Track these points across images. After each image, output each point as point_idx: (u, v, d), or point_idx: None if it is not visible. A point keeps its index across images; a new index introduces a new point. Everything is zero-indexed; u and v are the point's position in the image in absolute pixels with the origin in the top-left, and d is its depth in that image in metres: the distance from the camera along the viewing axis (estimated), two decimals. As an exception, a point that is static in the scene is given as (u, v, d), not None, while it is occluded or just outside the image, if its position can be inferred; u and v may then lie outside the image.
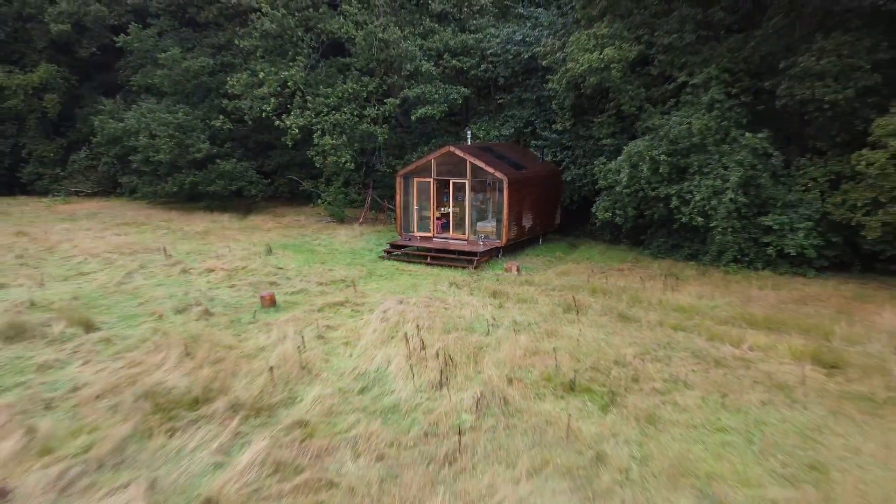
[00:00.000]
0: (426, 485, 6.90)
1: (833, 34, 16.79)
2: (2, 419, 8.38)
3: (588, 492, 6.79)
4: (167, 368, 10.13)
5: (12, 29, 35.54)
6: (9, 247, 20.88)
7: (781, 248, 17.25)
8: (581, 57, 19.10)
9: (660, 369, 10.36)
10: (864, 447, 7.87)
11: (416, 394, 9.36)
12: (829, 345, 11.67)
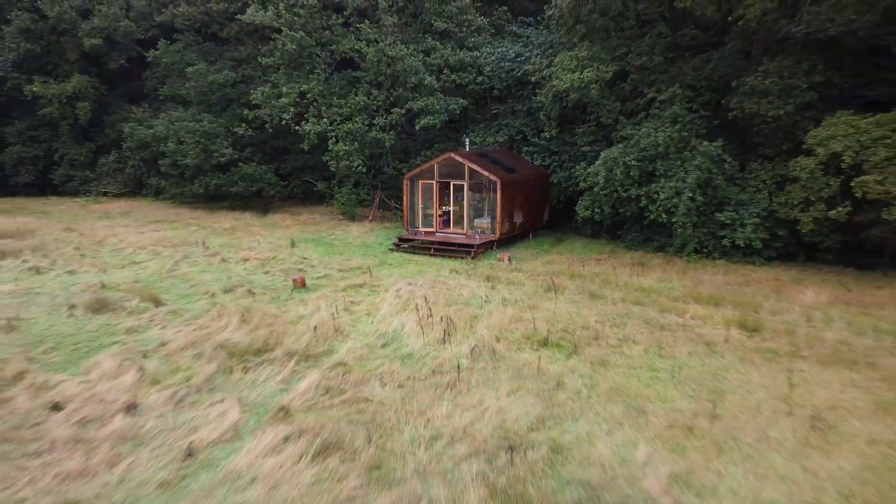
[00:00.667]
0: (434, 400, 9.65)
1: (777, 58, 19.54)
2: (117, 362, 11.12)
3: (549, 403, 9.54)
4: (230, 330, 12.87)
5: (47, 42, 38.27)
6: (64, 241, 23.62)
7: (734, 240, 20.01)
8: (564, 76, 21.86)
9: (615, 332, 13.10)
10: (755, 380, 10.61)
11: (425, 347, 12.10)
12: (755, 315, 14.39)
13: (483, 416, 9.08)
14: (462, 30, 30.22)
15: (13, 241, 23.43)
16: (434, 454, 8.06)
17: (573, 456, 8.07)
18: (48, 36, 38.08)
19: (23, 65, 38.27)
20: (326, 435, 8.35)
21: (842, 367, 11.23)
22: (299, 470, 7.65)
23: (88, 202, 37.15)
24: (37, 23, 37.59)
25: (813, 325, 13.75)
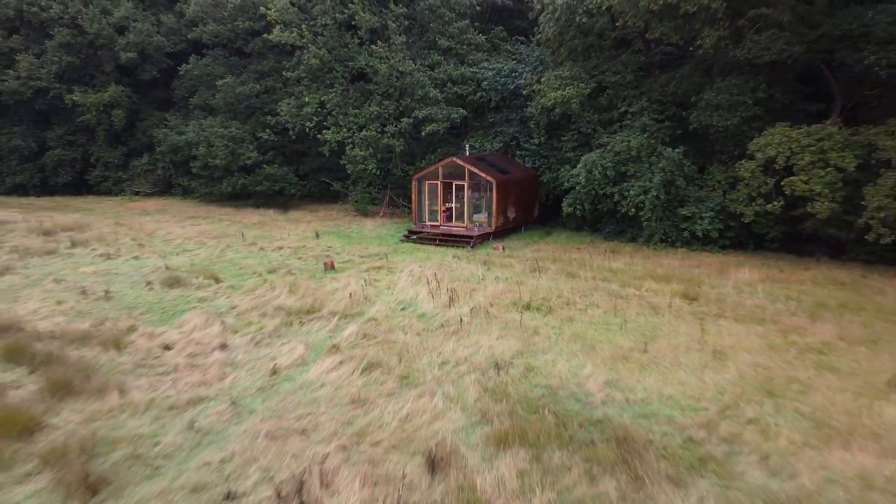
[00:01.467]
0: (443, 341, 13.10)
1: (728, 77, 22.99)
2: (202, 318, 14.57)
3: (526, 343, 12.99)
4: (283, 298, 16.33)
5: (86, 56, 41.68)
6: (119, 233, 27.06)
7: (693, 231, 23.47)
8: (550, 94, 25.31)
9: (583, 299, 16.55)
10: (682, 331, 14.05)
11: (435, 309, 15.55)
12: (697, 288, 17.84)
13: (478, 351, 12.54)
14: (463, 47, 33.66)
15: (75, 233, 26.89)
16: (444, 371, 11.53)
17: (540, 372, 11.53)
18: (87, 50, 41.48)
19: (63, 76, 41.66)
20: (369, 359, 11.81)
21: (751, 323, 14.70)
22: (353, 379, 11.12)
23: (124, 200, 40.61)
24: (76, 38, 40.98)
25: (740, 295, 17.23)
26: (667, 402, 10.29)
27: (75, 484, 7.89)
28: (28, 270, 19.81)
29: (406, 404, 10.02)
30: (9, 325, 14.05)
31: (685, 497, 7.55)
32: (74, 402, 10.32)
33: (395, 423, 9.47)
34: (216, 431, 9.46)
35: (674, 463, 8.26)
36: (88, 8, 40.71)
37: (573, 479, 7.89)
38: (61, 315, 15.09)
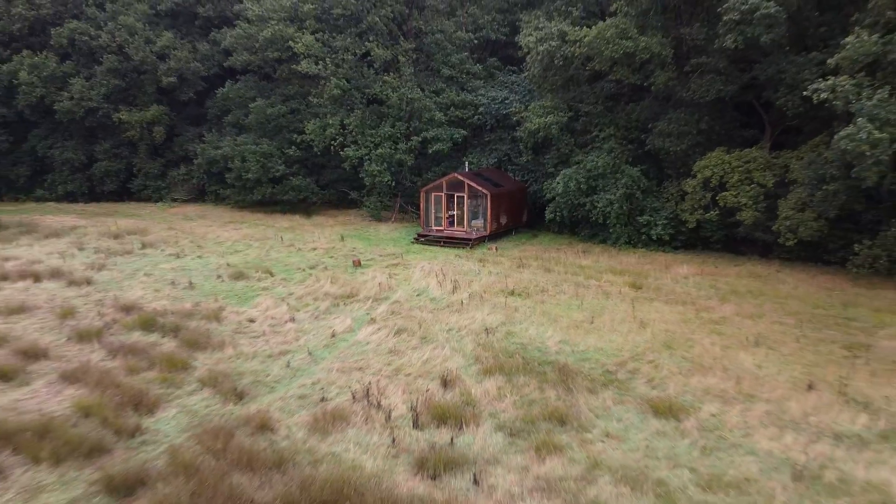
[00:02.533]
0: (449, 316, 18.05)
1: (678, 111, 27.91)
2: (271, 301, 19.51)
3: (510, 317, 17.93)
4: (327, 287, 21.26)
5: (131, 79, 46.58)
6: (176, 236, 31.96)
7: (650, 235, 28.39)
8: (535, 120, 30.23)
9: (555, 288, 21.48)
10: (622, 309, 18.98)
11: (442, 294, 20.50)
12: (643, 280, 22.78)
13: (474, 321, 17.49)
14: (463, 75, 38.57)
15: (139, 236, 31.84)
16: (450, 334, 16.48)
17: (516, 335, 16.48)
18: (132, 74, 46.37)
19: (110, 97, 46.53)
20: (398, 327, 16.77)
21: (675, 304, 19.65)
22: (388, 339, 16.07)
23: (165, 206, 45.52)
24: (123, 63, 45.84)
25: (675, 284, 22.19)
26: (598, 351, 15.25)
27: (228, 394, 12.85)
28: (119, 267, 24.73)
29: (425, 353, 14.98)
30: (131, 305, 19.02)
31: (595, 398, 12.50)
32: (203, 353, 15.27)
33: (419, 363, 14.43)
34: (303, 369, 14.41)
35: (592, 382, 13.22)
36: (134, 37, 45.56)
37: (530, 390, 12.84)
38: (164, 299, 20.01)
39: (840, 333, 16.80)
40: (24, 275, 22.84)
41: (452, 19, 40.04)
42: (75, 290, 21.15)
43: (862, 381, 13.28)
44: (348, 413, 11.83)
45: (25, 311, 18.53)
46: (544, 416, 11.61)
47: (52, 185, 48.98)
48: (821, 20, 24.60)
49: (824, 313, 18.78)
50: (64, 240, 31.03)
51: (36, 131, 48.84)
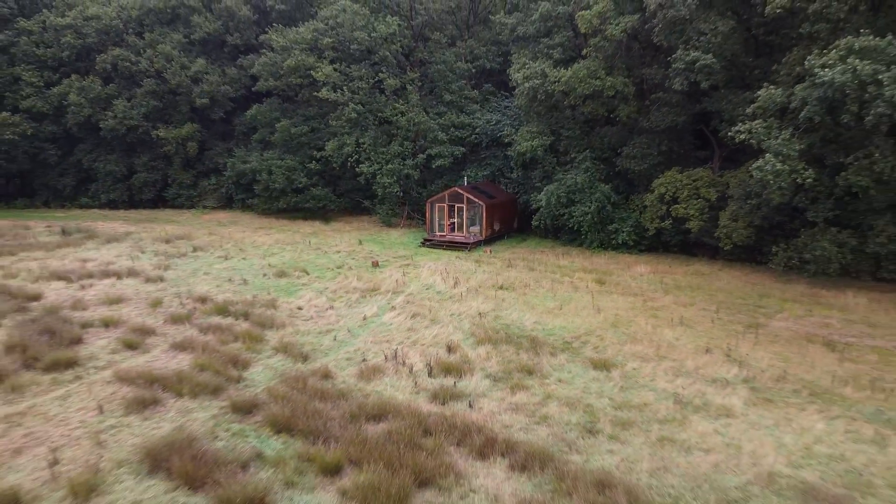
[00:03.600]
0: (451, 304, 23.13)
1: (641, 136, 32.95)
2: (313, 294, 24.58)
3: (498, 305, 23.01)
4: (355, 283, 26.32)
5: (168, 100, 51.62)
6: (218, 241, 36.95)
7: (618, 240, 33.44)
8: (523, 143, 35.29)
9: (536, 283, 26.53)
10: (586, 299, 24.05)
11: (446, 288, 25.56)
12: (607, 277, 27.84)
13: (471, 308, 22.55)
14: (461, 100, 43.63)
15: (186, 241, 36.83)
16: (453, 317, 21.55)
17: (503, 318, 21.54)
18: (168, 96, 51.44)
19: (149, 115, 51.59)
20: (413, 312, 21.83)
21: (629, 296, 24.70)
22: (406, 321, 21.13)
23: (198, 213, 50.57)
24: (160, 86, 50.92)
25: (632, 281, 27.25)
26: (561, 329, 20.32)
27: (296, 357, 17.89)
28: (180, 267, 29.75)
29: (434, 330, 20.04)
30: (203, 297, 24.05)
31: (554, 359, 17.56)
32: (270, 331, 20.31)
33: (430, 337, 19.48)
34: (346, 341, 19.46)
35: (553, 349, 18.29)
36: (170, 63, 50.63)
37: (509, 354, 17.90)
38: (227, 293, 25.04)
39: (747, 317, 21.88)
40: (106, 274, 27.86)
41: (452, 50, 45.07)
42: (153, 285, 26.18)
43: (745, 348, 18.36)
44: (383, 368, 16.89)
45: (123, 301, 23.57)
46: (517, 370, 16.68)
47: (96, 193, 54.05)
48: (755, 64, 29.63)
49: (742, 302, 23.88)
50: (124, 244, 36.02)
51: (82, 146, 53.88)
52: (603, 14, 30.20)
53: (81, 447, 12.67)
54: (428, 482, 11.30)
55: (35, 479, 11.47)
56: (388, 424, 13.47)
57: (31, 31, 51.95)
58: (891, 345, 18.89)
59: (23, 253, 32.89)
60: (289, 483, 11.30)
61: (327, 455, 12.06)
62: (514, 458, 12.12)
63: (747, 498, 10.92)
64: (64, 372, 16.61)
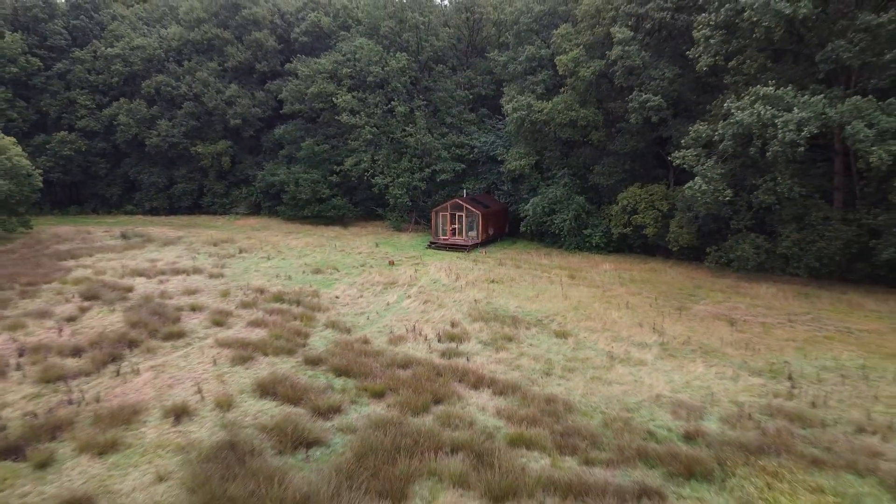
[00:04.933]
0: (454, 294, 29.47)
1: (608, 158, 39.25)
2: (347, 286, 30.92)
3: (490, 294, 29.33)
4: (377, 278, 32.65)
5: (204, 120, 57.90)
6: (257, 244, 43.24)
7: (591, 243, 39.75)
8: (512, 162, 41.55)
9: (521, 278, 32.85)
10: (559, 290, 30.37)
11: (449, 282, 31.89)
12: (578, 273, 34.15)
13: (468, 296, 28.87)
14: (461, 122, 49.93)
15: (230, 244, 43.12)
16: (455, 303, 27.87)
17: (493, 303, 27.86)
18: (205, 116, 57.71)
19: (188, 133, 57.87)
20: (425, 300, 28.17)
21: (592, 287, 31.02)
22: (419, 306, 27.45)
23: (231, 219, 56.87)
24: (198, 108, 57.19)
25: (598, 276, 33.55)
26: (536, 311, 26.62)
27: (341, 330, 24.19)
28: (233, 266, 36.04)
29: (442, 312, 26.36)
30: (260, 288, 30.37)
31: (528, 331, 23.86)
32: (319, 313, 26.62)
33: (438, 317, 25.79)
34: (376, 320, 25.77)
35: (528, 324, 24.60)
36: (207, 88, 56.91)
37: (496, 328, 24.20)
38: (278, 285, 31.33)
39: (678, 302, 28.20)
40: (175, 271, 34.21)
41: (453, 78, 51.33)
42: (216, 280, 32.50)
43: (668, 324, 24.67)
44: (405, 337, 23.19)
45: (198, 292, 29.87)
46: (501, 338, 22.98)
47: (140, 201, 60.39)
48: (698, 100, 35.88)
49: (678, 292, 30.19)
50: (179, 247, 42.32)
51: (128, 160, 60.23)
52: (576, 59, 36.47)
53: (211, 383, 18.99)
54: (441, 400, 17.61)
55: (190, 400, 17.76)
56: (413, 370, 19.80)
57: (84, 60, 58.21)
58: (775, 321, 25.21)
59: (98, 255, 39.24)
60: (353, 401, 17.62)
61: (374, 386, 18.37)
62: (495, 387, 18.46)
63: (639, 408, 17.23)
64: (177, 340, 22.94)
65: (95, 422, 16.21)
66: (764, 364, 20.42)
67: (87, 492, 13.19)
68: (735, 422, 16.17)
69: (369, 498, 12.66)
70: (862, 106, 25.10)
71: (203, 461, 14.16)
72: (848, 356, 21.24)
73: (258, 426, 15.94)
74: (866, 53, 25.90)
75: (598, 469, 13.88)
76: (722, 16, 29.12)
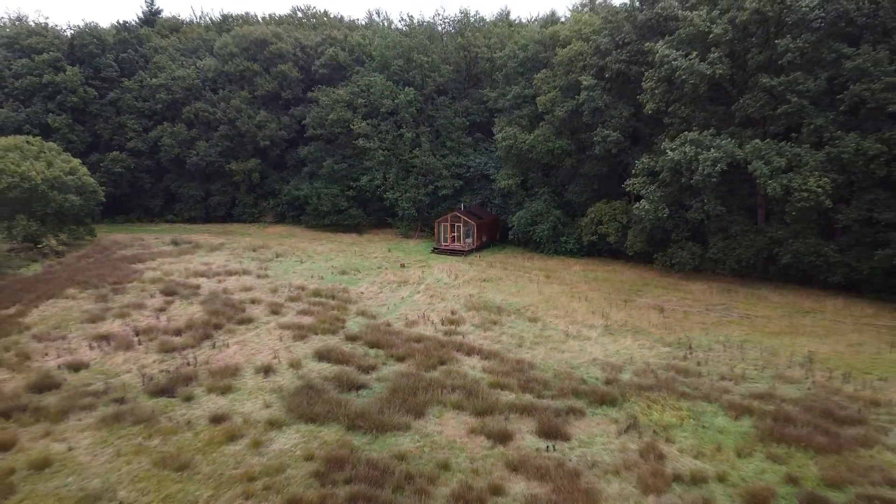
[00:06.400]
0: (453, 290, 36.87)
1: (580, 178, 46.63)
2: (368, 284, 38.32)
3: (481, 291, 36.73)
4: (392, 278, 40.02)
5: (237, 141, 65.21)
6: (291, 250, 50.57)
7: (565, 248, 47.14)
8: (502, 181, 48.89)
9: (507, 278, 40.23)
10: (535, 287, 37.76)
11: (450, 281, 39.28)
12: (553, 273, 41.53)
13: (465, 292, 36.25)
14: (459, 146, 57.32)
15: (266, 249, 50.44)
16: (455, 297, 35.26)
17: (484, 297, 35.24)
18: (238, 138, 65.04)
19: (223, 153, 65.18)
20: (431, 294, 35.55)
21: (562, 285, 38.39)
22: (427, 299, 34.84)
23: (261, 227, 64.22)
24: (232, 131, 64.51)
25: (569, 276, 40.91)
26: (516, 303, 34.00)
27: (369, 316, 31.57)
28: (274, 268, 43.36)
29: (444, 304, 33.74)
30: (301, 286, 37.67)
31: (509, 317, 31.25)
32: (350, 304, 33.96)
33: (441, 307, 33.16)
34: (393, 309, 33.13)
35: (510, 313, 31.98)
36: (240, 114, 64.23)
37: (486, 315, 31.57)
38: (314, 284, 38.63)
39: (626, 296, 35.54)
40: (228, 272, 41.56)
41: (452, 107, 58.70)
42: (264, 280, 39.84)
43: (613, 312, 32.02)
44: (417, 321, 30.52)
45: (252, 289, 37.20)
46: (489, 322, 30.31)
47: (180, 211, 67.73)
48: (651, 133, 43.23)
49: (629, 288, 37.54)
50: (224, 252, 49.63)
51: (169, 175, 67.54)
52: (553, 99, 43.84)
53: (282, 352, 26.35)
54: (444, 362, 24.96)
55: (271, 362, 25.08)
56: (424, 343, 27.16)
57: (132, 89, 65.57)
58: (695, 310, 32.59)
59: (159, 259, 46.55)
60: (384, 363, 24.98)
61: (398, 353, 25.72)
62: (482, 354, 25.83)
63: (580, 366, 24.58)
64: (248, 325, 30.29)
65: (211, 375, 23.60)
66: (674, 339, 27.82)
67: (223, 413, 20.55)
68: (641, 374, 23.58)
69: (401, 414, 20.04)
70: (761, 147, 32.47)
71: (291, 396, 21.57)
72: (738, 334, 28.64)
73: (322, 377, 23.34)
74: (765, 108, 33.28)
75: (545, 400, 21.28)
76: (663, 72, 36.45)
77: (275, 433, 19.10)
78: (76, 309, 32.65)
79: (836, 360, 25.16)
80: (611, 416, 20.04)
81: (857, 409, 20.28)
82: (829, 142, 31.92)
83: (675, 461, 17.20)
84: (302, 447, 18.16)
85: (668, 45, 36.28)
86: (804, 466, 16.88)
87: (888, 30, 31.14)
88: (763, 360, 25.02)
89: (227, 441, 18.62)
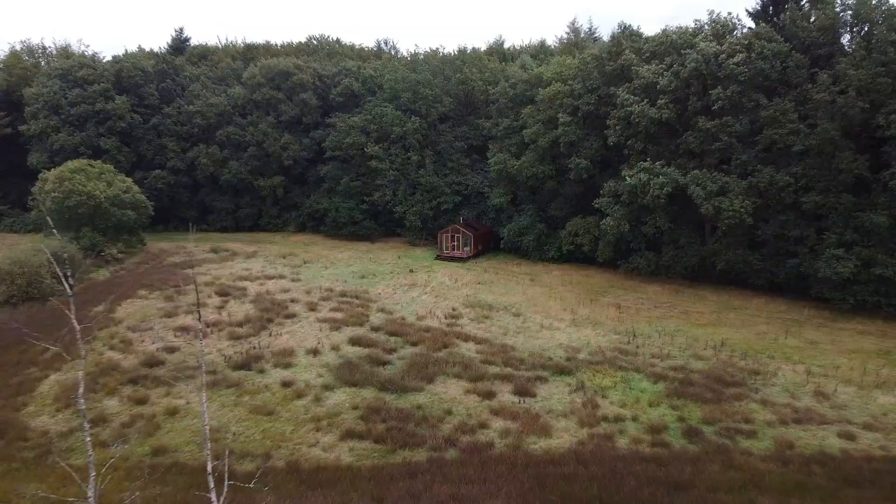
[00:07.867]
0: (453, 291, 44.32)
1: (561, 197, 54.06)
2: (383, 287, 45.80)
3: (476, 292, 44.16)
4: (403, 281, 47.47)
5: (264, 161, 72.60)
6: (315, 257, 57.97)
7: (549, 255, 54.56)
8: (495, 199, 56.27)
9: (499, 282, 47.67)
10: (520, 288, 45.18)
11: (451, 283, 46.71)
12: (537, 277, 48.99)
13: (463, 293, 43.68)
14: (459, 166, 64.79)
15: (293, 257, 57.86)
16: (454, 296, 42.70)
17: (478, 297, 42.68)
18: (264, 158, 72.41)
19: (251, 171, 72.54)
20: (435, 294, 43.00)
21: (544, 287, 45.84)
22: (432, 299, 42.30)
23: (286, 236, 71.64)
24: (259, 151, 71.86)
25: (549, 279, 48.36)
26: (504, 302, 41.43)
27: (388, 312, 39.01)
28: (304, 273, 50.72)
29: (447, 302, 41.18)
30: (329, 288, 45.13)
31: (498, 314, 38.67)
32: (372, 302, 41.40)
33: (444, 305, 40.59)
34: (406, 308, 40.57)
35: (499, 310, 39.43)
36: (266, 137, 71.64)
37: (480, 311, 39.04)
38: (340, 286, 46.02)
39: (593, 296, 42.92)
40: (267, 277, 49.01)
41: (452, 133, 66.18)
42: (297, 283, 47.24)
43: (580, 309, 39.42)
44: (426, 316, 37.92)
45: (289, 291, 44.61)
46: (482, 317, 37.71)
47: (213, 222, 75.05)
48: (618, 160, 50.61)
49: (597, 289, 44.94)
50: (259, 259, 57.01)
51: (204, 189, 74.93)
52: (537, 132, 51.29)
53: (324, 340, 33.79)
54: (447, 346, 32.39)
55: (317, 346, 32.53)
56: (431, 333, 34.58)
57: (171, 115, 73.04)
58: (647, 307, 39.98)
59: (204, 265, 53.95)
60: (402, 346, 32.40)
61: (412, 340, 33.16)
62: (476, 340, 33.26)
63: (549, 349, 31.98)
64: (293, 319, 37.73)
65: (274, 355, 31.05)
66: (624, 329, 35.25)
67: (289, 380, 27.98)
68: (593, 353, 31.02)
69: (417, 380, 27.47)
70: (699, 176, 39.92)
71: (337, 369, 29.04)
72: (675, 325, 36.07)
73: (357, 356, 30.81)
74: (703, 144, 40.72)
75: (521, 371, 28.72)
76: (622, 113, 43.88)
77: (328, 393, 26.57)
78: (152, 307, 40.13)
79: (743, 344, 32.61)
80: (566, 381, 27.49)
81: (742, 377, 27.72)
82: (752, 173, 39.35)
83: (605, 409, 24.65)
84: (349, 401, 25.64)
85: (626, 91, 43.75)
86: (692, 411, 24.33)
87: (793, 84, 38.56)
88: (686, 344, 32.48)
89: (296, 398, 26.09)
